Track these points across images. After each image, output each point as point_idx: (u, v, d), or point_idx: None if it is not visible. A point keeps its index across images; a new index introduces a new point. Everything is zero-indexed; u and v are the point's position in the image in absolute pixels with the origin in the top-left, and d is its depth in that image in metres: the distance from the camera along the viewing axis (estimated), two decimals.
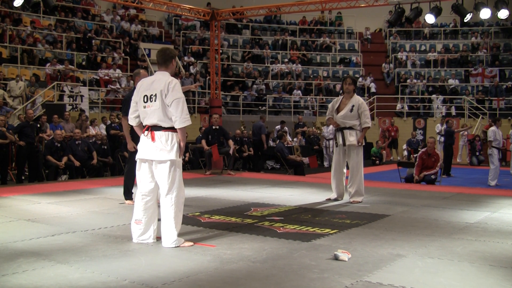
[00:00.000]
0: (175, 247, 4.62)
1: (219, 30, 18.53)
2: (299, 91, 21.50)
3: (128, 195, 7.11)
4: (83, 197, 7.79)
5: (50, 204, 7.10)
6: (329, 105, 7.82)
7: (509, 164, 14.85)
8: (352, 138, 7.44)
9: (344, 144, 7.47)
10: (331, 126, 15.75)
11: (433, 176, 10.39)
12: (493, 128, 12.35)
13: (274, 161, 15.39)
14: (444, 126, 16.28)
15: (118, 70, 18.04)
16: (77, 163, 11.00)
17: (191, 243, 4.73)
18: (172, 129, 4.68)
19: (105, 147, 11.95)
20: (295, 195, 8.24)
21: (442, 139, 16.37)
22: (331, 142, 15.48)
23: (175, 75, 18.63)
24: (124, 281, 3.71)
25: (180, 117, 4.58)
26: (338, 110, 7.59)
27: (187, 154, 13.55)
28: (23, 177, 10.80)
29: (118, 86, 17.26)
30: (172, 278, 3.77)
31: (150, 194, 4.80)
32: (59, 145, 10.96)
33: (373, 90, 22.02)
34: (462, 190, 9.30)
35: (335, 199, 7.62)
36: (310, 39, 24.47)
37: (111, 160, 11.81)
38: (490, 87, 21.52)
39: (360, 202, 7.40)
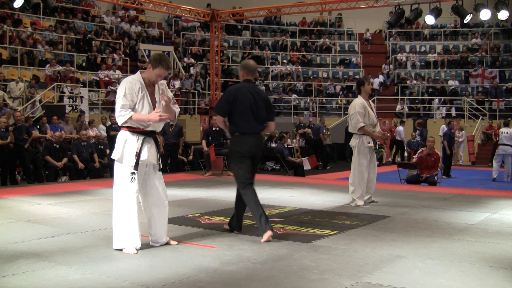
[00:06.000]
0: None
1: (219, 31, 18.54)
2: (295, 95, 21.44)
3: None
4: (83, 198, 7.78)
5: (50, 205, 7.10)
6: (358, 113, 7.06)
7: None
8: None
9: (376, 147, 7.39)
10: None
11: (436, 178, 10.38)
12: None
13: (274, 162, 15.39)
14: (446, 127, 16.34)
15: (118, 71, 18.05)
16: (81, 165, 11.01)
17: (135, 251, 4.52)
18: (123, 127, 4.64)
19: (102, 147, 11.96)
20: (295, 196, 8.23)
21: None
22: None
23: (175, 75, 18.73)
24: (124, 282, 3.72)
25: (116, 114, 4.53)
26: (369, 116, 7.18)
27: (190, 157, 13.55)
28: (20, 179, 10.81)
29: (118, 87, 17.28)
30: (172, 279, 3.77)
31: None
32: (57, 146, 10.96)
33: (376, 87, 21.97)
34: (462, 191, 9.29)
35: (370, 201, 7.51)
36: (310, 40, 24.48)
37: (107, 161, 11.80)
38: (490, 88, 21.53)
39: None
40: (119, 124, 4.56)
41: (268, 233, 4.92)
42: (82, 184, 9.82)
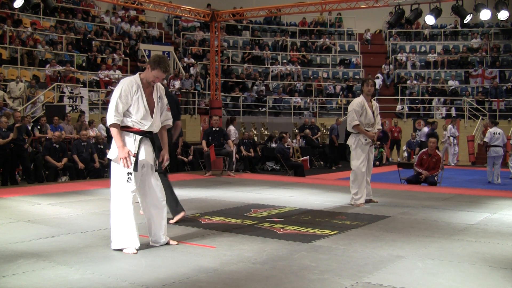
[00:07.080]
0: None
1: (219, 31, 18.52)
2: (299, 98, 21.38)
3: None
4: (83, 198, 7.79)
5: (50, 205, 7.10)
6: (354, 110, 7.19)
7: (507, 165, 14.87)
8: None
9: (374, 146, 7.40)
10: None
11: (436, 178, 10.37)
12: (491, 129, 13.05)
13: (274, 162, 15.40)
14: (453, 128, 16.56)
15: (118, 71, 18.04)
16: (81, 165, 11.01)
17: (135, 251, 4.51)
18: (122, 127, 4.60)
19: (102, 147, 11.96)
20: (295, 196, 8.23)
21: (455, 141, 16.80)
22: None
23: (175, 76, 18.72)
24: (124, 282, 3.72)
25: (109, 112, 4.53)
26: (366, 115, 7.23)
27: (190, 157, 13.55)
28: (20, 179, 10.80)
29: None
30: (172, 279, 3.77)
31: None
32: (57, 146, 10.96)
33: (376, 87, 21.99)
34: (462, 191, 9.29)
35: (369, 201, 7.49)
36: (310, 40, 24.48)
37: (107, 161, 11.80)
38: (490, 88, 21.53)
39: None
40: (107, 124, 4.56)
41: None
42: (82, 184, 9.82)
